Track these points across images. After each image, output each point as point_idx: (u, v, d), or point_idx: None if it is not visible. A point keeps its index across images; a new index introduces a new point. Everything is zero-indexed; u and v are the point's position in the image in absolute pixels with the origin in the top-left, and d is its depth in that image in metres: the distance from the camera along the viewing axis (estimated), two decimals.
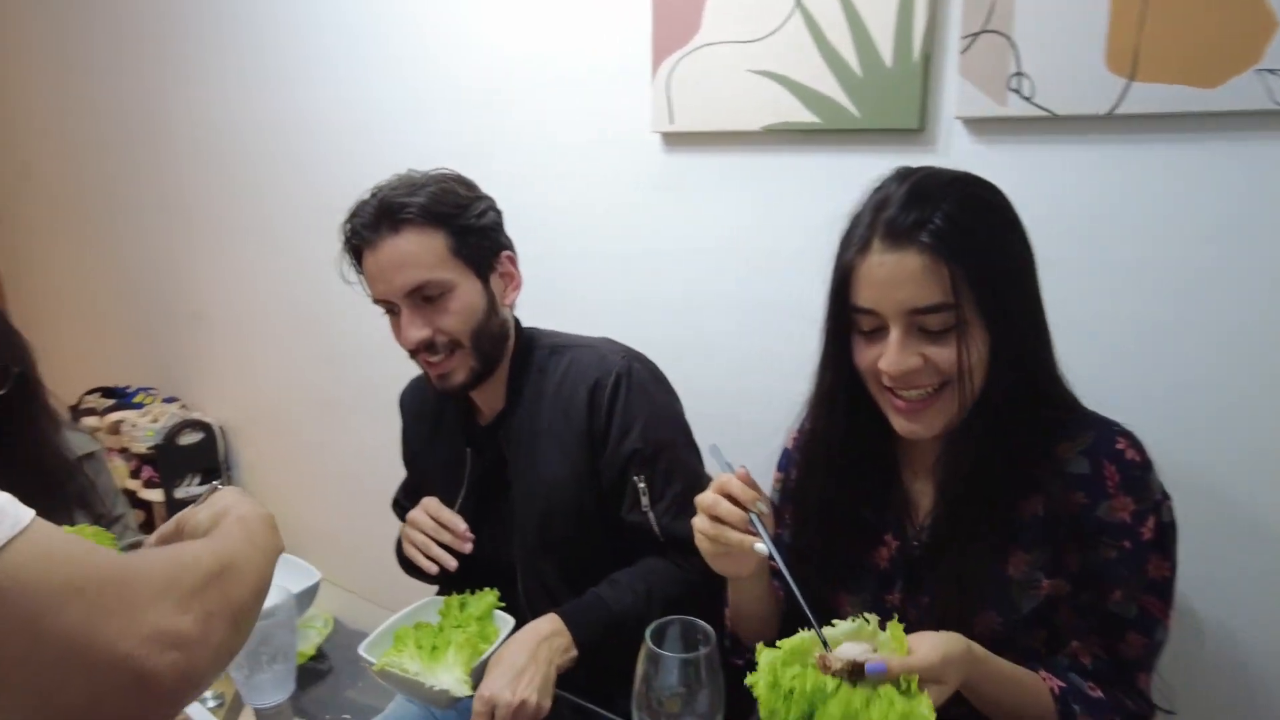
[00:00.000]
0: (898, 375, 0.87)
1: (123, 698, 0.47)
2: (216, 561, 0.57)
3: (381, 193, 1.17)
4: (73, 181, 3.33)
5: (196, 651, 0.50)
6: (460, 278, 1.17)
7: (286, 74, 2.34)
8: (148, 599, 0.49)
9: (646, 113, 1.59)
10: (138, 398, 3.09)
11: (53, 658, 0.45)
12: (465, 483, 1.29)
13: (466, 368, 1.19)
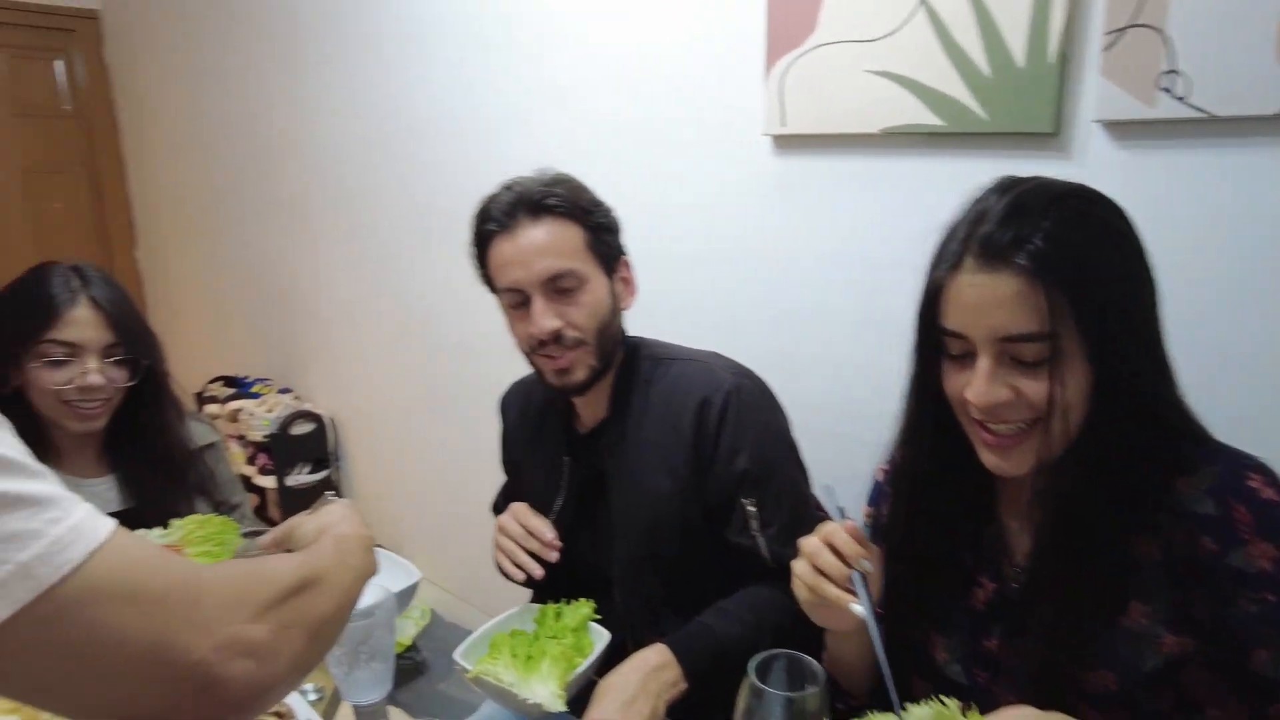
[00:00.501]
0: (984, 408, 0.80)
1: (196, 703, 0.48)
2: (299, 576, 0.59)
3: (517, 186, 1.18)
4: (204, 186, 3.53)
5: (268, 661, 0.52)
6: (593, 272, 1.17)
7: (398, 80, 2.41)
8: (224, 610, 0.51)
9: (758, 115, 1.55)
10: (256, 388, 3.25)
11: (131, 664, 0.46)
12: (563, 490, 1.27)
13: (587, 366, 1.18)
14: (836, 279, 1.53)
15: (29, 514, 0.43)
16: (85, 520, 0.46)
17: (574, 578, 1.21)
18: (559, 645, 1.04)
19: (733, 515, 1.16)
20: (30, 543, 0.43)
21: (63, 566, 0.44)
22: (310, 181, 2.88)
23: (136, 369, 1.34)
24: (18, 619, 0.42)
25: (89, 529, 0.46)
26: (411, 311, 2.59)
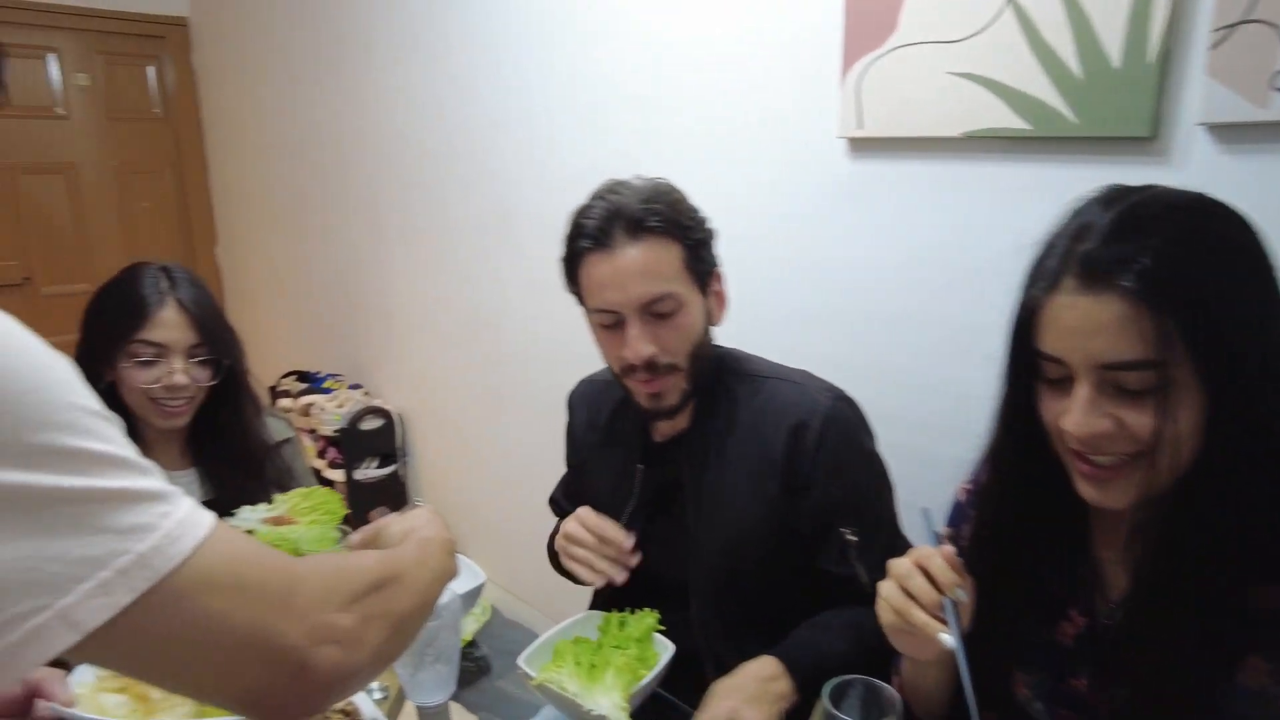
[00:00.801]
0: (1083, 438, 0.74)
1: (288, 684, 0.51)
2: (384, 573, 0.61)
3: (613, 198, 1.12)
4: (281, 186, 3.64)
5: (353, 649, 0.54)
6: (690, 293, 1.12)
7: (470, 85, 2.44)
8: (315, 598, 0.53)
9: (833, 117, 1.51)
10: (327, 383, 3.33)
11: (234, 647, 0.49)
12: (635, 497, 1.25)
13: (679, 390, 1.14)
14: (913, 287, 1.48)
15: (144, 507, 0.46)
16: (191, 514, 0.49)
17: (641, 586, 1.19)
18: (623, 656, 1.03)
19: (827, 543, 1.12)
20: (146, 535, 0.45)
21: (174, 557, 0.46)
22: (384, 183, 2.94)
23: (219, 368, 1.39)
24: (136, 606, 0.44)
25: (194, 522, 0.48)
26: (480, 312, 2.61)
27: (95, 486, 0.44)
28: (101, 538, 0.43)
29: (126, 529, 0.44)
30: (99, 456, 0.44)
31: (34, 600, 0.41)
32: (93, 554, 0.43)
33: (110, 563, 0.43)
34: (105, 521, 0.44)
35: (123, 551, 0.44)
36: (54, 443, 0.42)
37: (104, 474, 0.44)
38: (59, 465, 0.42)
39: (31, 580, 0.41)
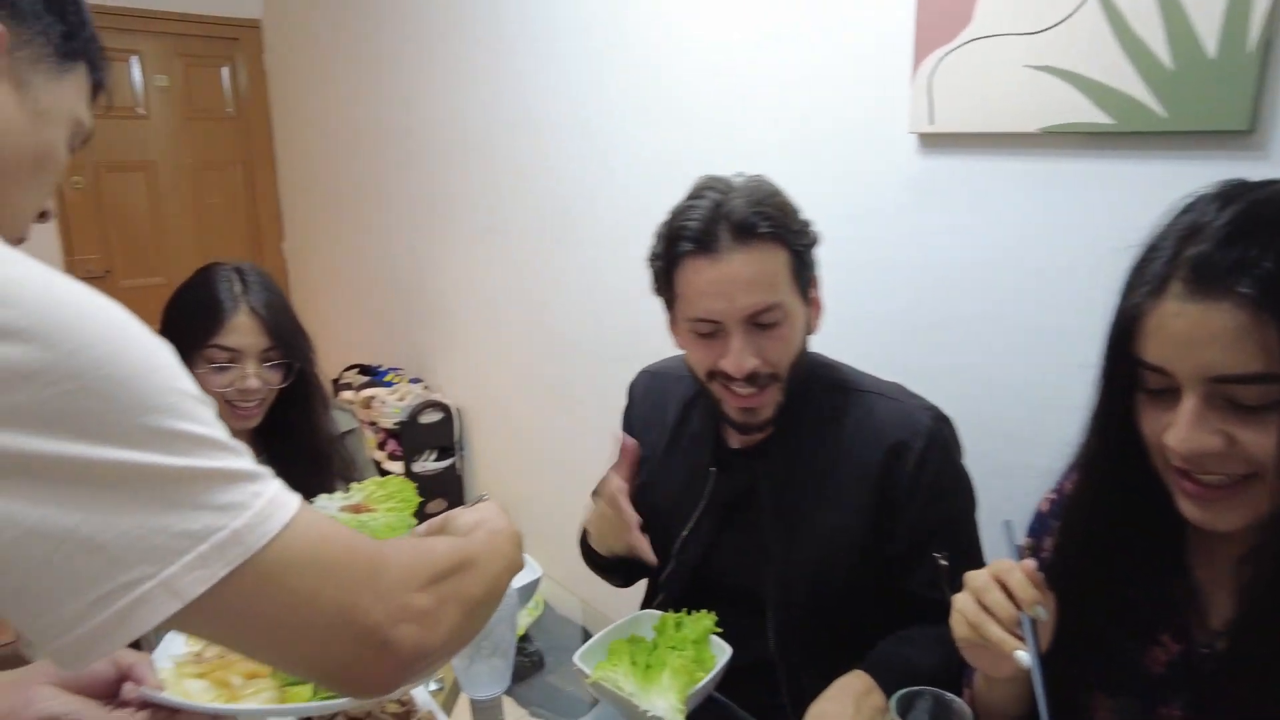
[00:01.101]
0: (1188, 455, 0.68)
1: (370, 660, 0.53)
2: (458, 558, 0.63)
3: (714, 196, 1.05)
4: (346, 184, 3.72)
5: (430, 629, 0.56)
6: (794, 303, 1.07)
7: (532, 83, 2.45)
8: (397, 579, 0.55)
9: (903, 113, 1.47)
10: (388, 376, 3.39)
11: (323, 624, 0.51)
12: (705, 500, 1.20)
13: (775, 404, 1.09)
14: (987, 289, 1.43)
15: (239, 487, 0.48)
16: (279, 494, 0.51)
17: (705, 591, 1.17)
18: (680, 657, 1.02)
19: (918, 567, 1.07)
20: (241, 512, 0.47)
21: (266, 534, 0.48)
22: (446, 181, 2.98)
23: (290, 371, 1.41)
24: (230, 579, 0.46)
25: (282, 503, 0.50)
26: (540, 309, 2.63)
27: (196, 466, 0.46)
28: (200, 514, 0.46)
29: (222, 506, 0.47)
30: (198, 438, 0.47)
31: (141, 569, 0.44)
32: (193, 528, 0.45)
33: (208, 537, 0.46)
34: (204, 499, 0.46)
35: (220, 527, 0.46)
36: (159, 425, 0.45)
37: (203, 455, 0.47)
38: (164, 445, 0.45)
39: (139, 551, 0.44)
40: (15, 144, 0.58)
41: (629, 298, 2.23)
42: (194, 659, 0.96)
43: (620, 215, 2.22)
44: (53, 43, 0.60)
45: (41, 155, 0.60)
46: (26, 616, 0.44)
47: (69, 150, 0.64)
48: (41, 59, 0.59)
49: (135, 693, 0.83)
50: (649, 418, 1.32)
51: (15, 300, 0.42)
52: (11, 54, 0.57)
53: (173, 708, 0.83)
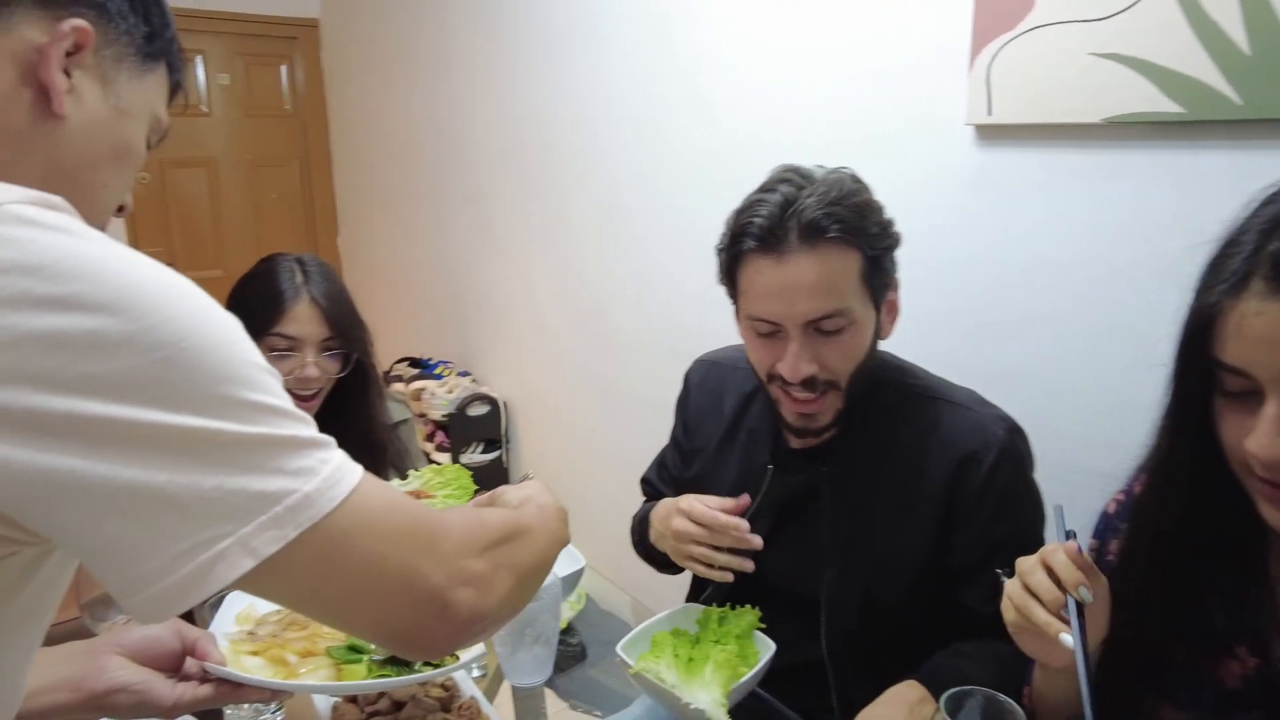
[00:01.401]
0: (1270, 462, 0.65)
1: (431, 623, 0.56)
2: (510, 527, 0.65)
3: (786, 191, 0.99)
4: (400, 180, 3.78)
5: (485, 594, 0.58)
6: (863, 309, 1.01)
7: (580, 78, 2.46)
8: (456, 544, 0.57)
9: (960, 104, 1.43)
10: (438, 369, 3.44)
11: (386, 586, 0.53)
12: (759, 499, 1.16)
13: (834, 410, 1.05)
14: (1046, 286, 1.38)
15: (308, 453, 0.51)
16: (345, 462, 0.53)
17: (755, 589, 1.14)
18: (723, 651, 1.01)
19: (978, 581, 1.03)
20: (311, 477, 0.50)
21: (334, 499, 0.50)
22: (496, 177, 3.01)
23: (348, 361, 1.43)
24: (301, 540, 0.49)
25: (349, 470, 0.53)
26: (588, 304, 2.63)
27: (269, 433, 0.49)
28: (275, 478, 0.48)
29: (294, 470, 0.49)
30: (270, 408, 0.50)
31: (220, 527, 0.47)
32: (268, 490, 0.48)
33: (282, 499, 0.48)
34: (278, 463, 0.49)
35: (292, 490, 0.49)
36: (235, 394, 0.48)
37: (276, 423, 0.50)
38: (239, 414, 0.48)
39: (218, 510, 0.46)
40: (98, 137, 0.60)
41: (678, 294, 2.22)
42: (248, 637, 0.98)
43: (671, 211, 2.21)
44: (136, 43, 0.62)
45: (121, 149, 0.63)
46: (115, 570, 0.47)
47: (147, 147, 0.67)
48: (125, 58, 0.62)
49: (198, 666, 0.85)
50: (706, 407, 1.28)
51: (100, 277, 0.45)
52: (98, 52, 0.59)
53: (235, 682, 0.85)
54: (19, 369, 0.42)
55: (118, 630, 0.86)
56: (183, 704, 0.82)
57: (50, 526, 0.46)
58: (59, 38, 0.56)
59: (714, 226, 1.10)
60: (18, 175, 0.52)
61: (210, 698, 0.84)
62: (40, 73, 0.56)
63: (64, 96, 0.57)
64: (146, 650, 0.84)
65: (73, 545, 0.47)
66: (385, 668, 0.93)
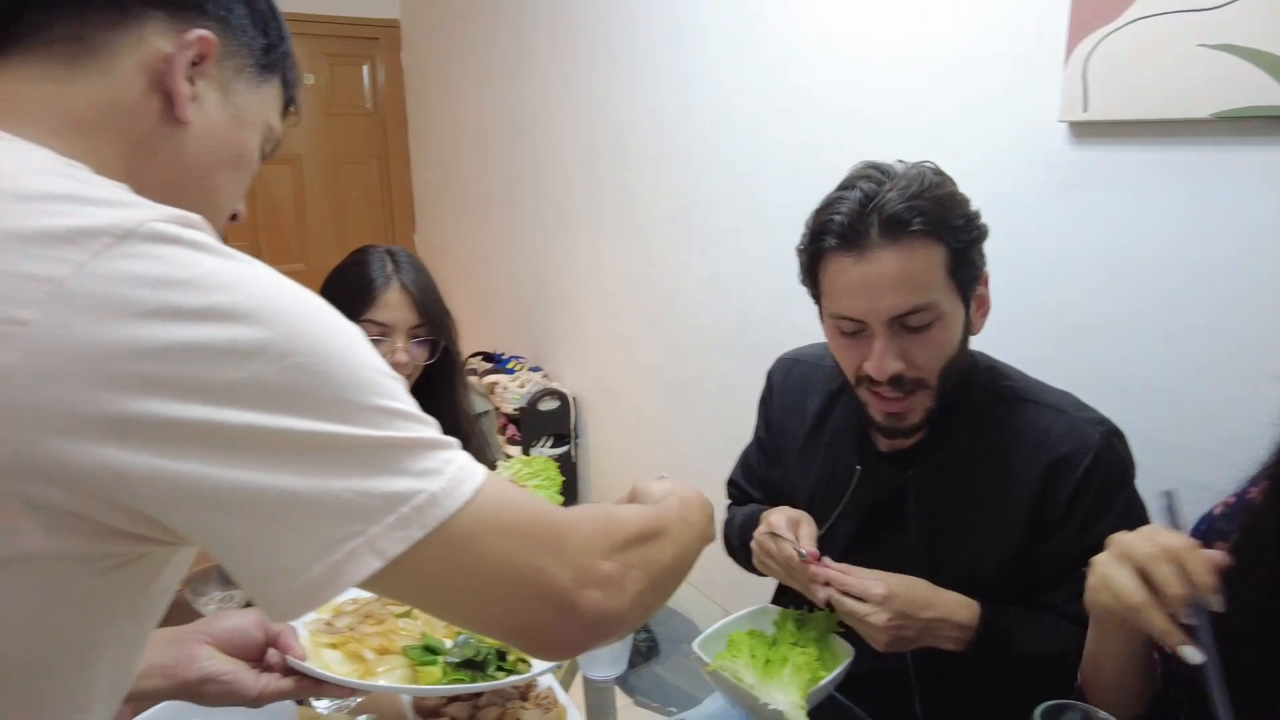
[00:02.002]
0: None
1: (554, 622, 0.56)
2: (645, 526, 0.64)
3: (867, 187, 0.98)
4: (476, 178, 3.85)
5: (613, 595, 0.57)
6: (950, 304, 0.98)
7: (656, 78, 2.46)
8: (582, 544, 0.57)
9: (1053, 100, 1.38)
10: (510, 364, 3.49)
11: (510, 586, 0.54)
12: (844, 503, 1.14)
13: (924, 409, 1.03)
14: (1143, 290, 1.32)
15: (433, 454, 0.51)
16: (469, 463, 0.54)
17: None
18: (803, 654, 1.00)
19: (1066, 584, 0.98)
20: (436, 477, 0.51)
21: (460, 498, 0.51)
22: (572, 174, 3.04)
23: (435, 348, 1.47)
24: (428, 540, 0.49)
25: (472, 470, 0.53)
26: (661, 302, 2.64)
27: (395, 436, 0.50)
28: (402, 479, 0.49)
29: (420, 472, 0.50)
30: (396, 411, 0.51)
31: (351, 526, 0.48)
32: (395, 491, 0.49)
33: (409, 500, 0.49)
34: (405, 465, 0.50)
35: (419, 491, 0.49)
36: (363, 400, 0.49)
37: (402, 426, 0.51)
38: (368, 419, 0.49)
39: (349, 510, 0.48)
40: (217, 143, 0.63)
41: (752, 293, 2.20)
42: (325, 627, 1.01)
43: (749, 209, 2.20)
44: (254, 54, 0.65)
45: (237, 155, 0.66)
46: (249, 569, 0.49)
47: (261, 156, 0.69)
48: (244, 68, 0.64)
49: (279, 658, 0.88)
50: (789, 406, 1.26)
51: (237, 289, 0.47)
52: (220, 62, 0.62)
53: (316, 678, 0.88)
54: (163, 378, 0.44)
55: (207, 619, 0.89)
56: (266, 695, 0.85)
57: (191, 528, 0.48)
58: (185, 46, 0.59)
59: (792, 224, 1.09)
60: (145, 179, 0.55)
61: (292, 690, 0.87)
62: (167, 80, 0.58)
63: (188, 103, 0.59)
64: (233, 641, 0.87)
65: (210, 545, 0.49)
66: (460, 671, 0.95)
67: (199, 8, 0.60)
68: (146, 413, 0.44)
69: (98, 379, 0.43)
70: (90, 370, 0.43)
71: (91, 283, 0.44)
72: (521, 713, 1.01)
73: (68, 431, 0.43)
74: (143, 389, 0.44)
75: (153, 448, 0.45)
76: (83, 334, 0.43)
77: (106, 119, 0.57)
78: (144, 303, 0.44)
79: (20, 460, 0.43)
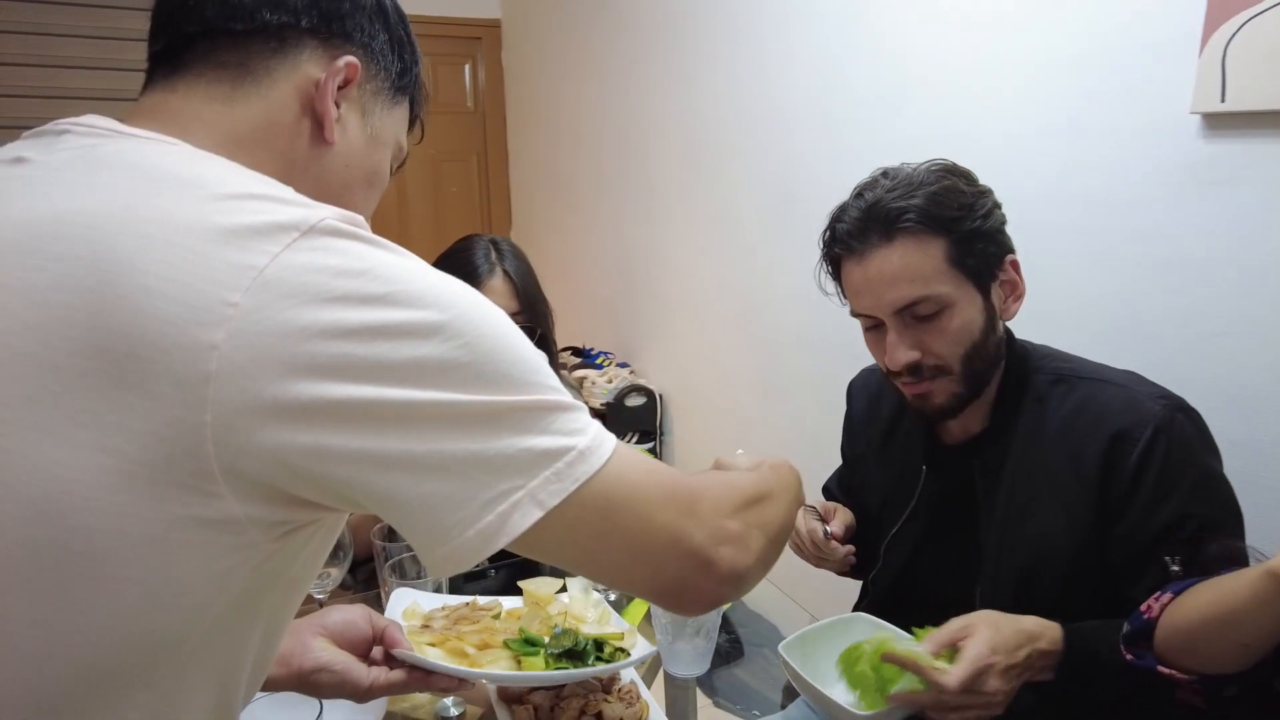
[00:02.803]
0: None
1: (699, 579, 0.60)
2: (756, 488, 0.68)
3: (870, 194, 1.05)
4: (570, 176, 3.89)
5: (743, 551, 0.61)
6: (958, 292, 1.02)
7: (757, 70, 2.42)
8: (712, 505, 0.61)
9: (1185, 90, 1.29)
10: (599, 359, 3.52)
11: (658, 545, 0.58)
12: (914, 503, 1.16)
13: (949, 393, 1.06)
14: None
15: (577, 416, 0.56)
16: (600, 428, 0.57)
17: (914, 597, 1.11)
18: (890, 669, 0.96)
19: (1145, 573, 0.96)
20: (581, 436, 0.55)
21: (603, 455, 0.55)
22: (670, 170, 3.03)
23: (534, 335, 1.50)
24: (578, 494, 0.54)
25: (605, 435, 0.57)
26: (752, 300, 2.61)
27: (548, 399, 0.55)
28: (555, 438, 0.54)
29: (569, 431, 0.55)
30: (544, 382, 0.55)
31: (513, 480, 0.52)
32: (551, 448, 0.53)
33: (562, 456, 0.54)
34: (557, 426, 0.54)
35: (570, 447, 0.54)
36: (518, 372, 0.54)
37: (550, 393, 0.55)
38: (524, 388, 0.54)
39: (512, 466, 0.52)
40: (356, 162, 0.68)
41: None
42: (423, 629, 1.03)
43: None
44: (391, 78, 0.70)
45: (372, 173, 0.70)
46: (426, 525, 0.53)
47: (390, 172, 0.74)
48: (381, 91, 0.69)
49: (382, 653, 0.90)
50: (866, 414, 1.31)
51: (410, 279, 0.52)
52: (361, 85, 0.67)
53: (424, 670, 0.90)
54: (353, 358, 0.49)
55: (320, 612, 0.92)
56: (378, 687, 0.87)
57: (373, 494, 0.52)
58: (334, 73, 0.64)
59: None
60: None
61: (402, 683, 0.89)
62: (317, 104, 0.63)
63: (334, 125, 0.64)
64: (344, 633, 0.90)
65: (387, 508, 0.53)
66: (561, 660, 0.96)
67: (347, 35, 0.65)
68: (338, 392, 0.49)
69: (294, 359, 0.48)
70: (288, 351, 0.48)
71: (284, 271, 0.49)
72: (604, 705, 1.01)
73: (268, 407, 0.48)
74: (335, 370, 0.49)
75: (343, 425, 0.49)
76: (281, 317, 0.48)
77: (263, 138, 0.61)
78: (331, 290, 0.49)
79: (225, 432, 0.47)
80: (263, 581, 0.55)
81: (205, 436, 0.47)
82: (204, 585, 0.51)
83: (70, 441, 0.47)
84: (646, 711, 1.04)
